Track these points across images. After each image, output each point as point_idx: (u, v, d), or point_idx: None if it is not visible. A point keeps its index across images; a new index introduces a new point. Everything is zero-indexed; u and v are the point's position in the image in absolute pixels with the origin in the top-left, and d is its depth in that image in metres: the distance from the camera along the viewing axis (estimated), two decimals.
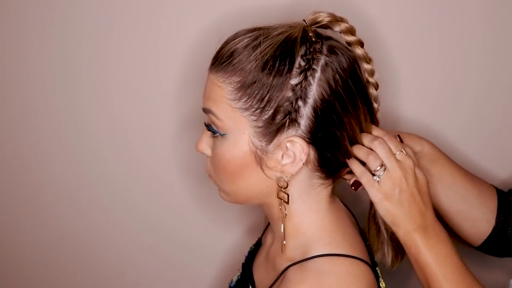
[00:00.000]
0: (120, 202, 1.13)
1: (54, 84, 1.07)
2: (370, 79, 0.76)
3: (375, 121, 0.77)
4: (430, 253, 0.71)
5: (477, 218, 0.84)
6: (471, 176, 0.86)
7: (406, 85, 0.98)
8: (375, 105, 0.77)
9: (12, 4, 1.03)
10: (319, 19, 0.72)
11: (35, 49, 1.05)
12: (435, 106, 1.00)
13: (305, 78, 0.67)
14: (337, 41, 0.73)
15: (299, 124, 0.69)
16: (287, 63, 0.67)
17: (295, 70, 0.67)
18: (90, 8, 1.01)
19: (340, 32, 0.74)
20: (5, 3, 1.03)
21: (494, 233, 0.84)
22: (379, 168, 0.71)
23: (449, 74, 0.98)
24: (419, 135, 0.86)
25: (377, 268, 0.78)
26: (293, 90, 0.67)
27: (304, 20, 0.72)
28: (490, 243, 0.85)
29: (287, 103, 0.67)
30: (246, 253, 0.93)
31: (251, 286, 0.83)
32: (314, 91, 0.68)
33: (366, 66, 0.75)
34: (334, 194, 0.78)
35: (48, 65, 1.06)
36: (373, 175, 0.71)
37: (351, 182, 0.75)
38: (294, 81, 0.67)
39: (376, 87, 0.77)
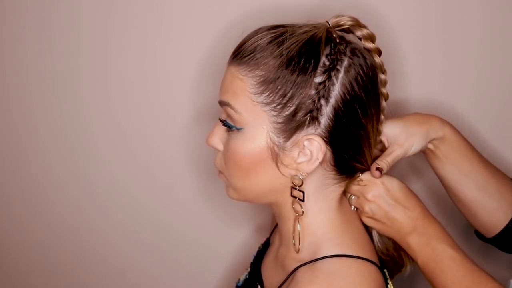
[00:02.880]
0: (124, 201, 1.13)
1: (54, 84, 1.07)
2: (383, 90, 0.77)
3: (378, 132, 0.78)
4: (423, 253, 0.75)
5: (494, 208, 0.83)
6: (491, 166, 0.86)
7: (419, 96, 0.99)
8: (382, 116, 0.78)
9: (11, 4, 1.02)
10: (342, 22, 0.73)
11: (36, 49, 1.05)
12: (443, 86, 1.01)
13: (329, 77, 0.68)
14: (358, 45, 0.73)
15: (319, 122, 0.69)
16: (312, 61, 0.68)
17: (320, 69, 0.68)
18: (99, 3, 1.01)
19: (361, 38, 0.74)
20: (5, 3, 1.02)
21: (510, 225, 0.84)
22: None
23: (456, 55, 0.99)
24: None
25: (385, 270, 0.79)
26: (316, 88, 0.68)
27: (327, 22, 0.73)
28: (504, 236, 0.85)
29: (310, 101, 0.68)
30: (254, 253, 0.93)
31: (260, 286, 0.83)
32: (336, 91, 0.68)
33: (381, 76, 0.76)
34: (344, 195, 0.79)
35: (48, 65, 1.06)
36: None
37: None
38: (318, 79, 0.68)
39: (386, 98, 0.78)
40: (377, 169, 0.76)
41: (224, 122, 0.73)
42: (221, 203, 1.10)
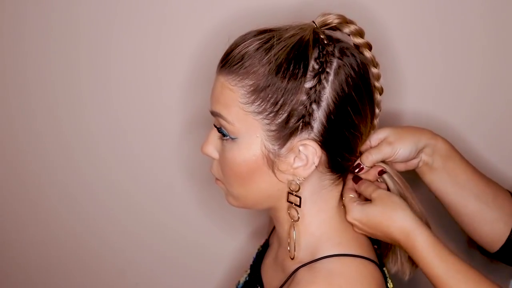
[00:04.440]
0: (123, 205, 1.13)
1: (54, 84, 1.07)
2: (376, 84, 0.76)
3: (372, 126, 0.78)
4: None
5: (494, 219, 0.82)
6: (485, 176, 0.85)
7: (410, 80, 0.99)
8: (377, 110, 0.77)
9: (11, 4, 1.02)
10: (329, 21, 0.72)
11: (36, 49, 1.05)
12: (438, 100, 1.01)
13: (319, 81, 0.67)
14: (347, 43, 0.73)
15: (312, 127, 0.68)
16: (301, 66, 0.67)
17: (309, 74, 0.67)
18: (94, 7, 1.01)
19: (349, 34, 0.73)
20: (5, 3, 1.02)
21: None
22: None
23: (451, 68, 0.98)
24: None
25: (384, 269, 0.78)
26: (307, 94, 0.67)
27: (313, 22, 0.72)
28: (507, 249, 0.83)
29: (301, 106, 0.67)
30: (254, 255, 0.93)
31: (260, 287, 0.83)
32: (327, 94, 0.68)
33: (373, 70, 0.75)
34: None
35: (48, 65, 1.06)
36: None
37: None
38: (308, 84, 0.67)
39: (381, 92, 0.77)
40: (358, 165, 0.77)
41: (219, 129, 0.72)
42: (221, 204, 1.09)
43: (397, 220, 0.72)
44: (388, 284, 0.76)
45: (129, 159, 1.11)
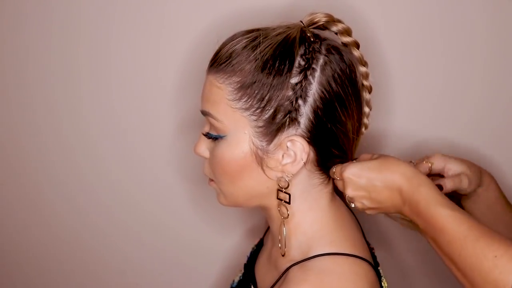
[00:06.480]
0: (121, 204, 1.14)
1: (54, 84, 1.07)
2: (365, 82, 0.76)
3: (363, 125, 0.77)
4: (419, 220, 0.69)
5: None
6: None
7: (402, 88, 0.98)
8: (367, 109, 0.77)
9: (11, 4, 1.03)
10: (316, 20, 0.73)
11: (36, 49, 1.05)
12: (427, 99, 1.00)
13: (305, 77, 0.68)
14: (334, 41, 0.73)
15: (299, 123, 0.69)
16: (287, 62, 0.68)
17: (295, 70, 0.68)
18: (90, 9, 1.01)
19: (337, 33, 0.74)
20: (5, 3, 1.03)
21: None
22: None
23: (448, 76, 0.98)
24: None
25: (379, 268, 0.78)
26: (293, 89, 0.68)
27: (301, 21, 0.73)
28: None
29: (287, 102, 0.68)
30: (248, 254, 0.93)
31: (253, 286, 0.83)
32: (314, 90, 0.68)
33: (361, 68, 0.75)
34: (334, 193, 0.78)
35: (48, 65, 1.06)
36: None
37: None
38: (294, 80, 0.68)
39: (370, 90, 0.77)
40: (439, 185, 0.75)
41: (207, 135, 0.73)
42: (214, 205, 1.09)
43: (400, 165, 0.70)
44: (383, 284, 0.76)
45: (128, 159, 1.11)
